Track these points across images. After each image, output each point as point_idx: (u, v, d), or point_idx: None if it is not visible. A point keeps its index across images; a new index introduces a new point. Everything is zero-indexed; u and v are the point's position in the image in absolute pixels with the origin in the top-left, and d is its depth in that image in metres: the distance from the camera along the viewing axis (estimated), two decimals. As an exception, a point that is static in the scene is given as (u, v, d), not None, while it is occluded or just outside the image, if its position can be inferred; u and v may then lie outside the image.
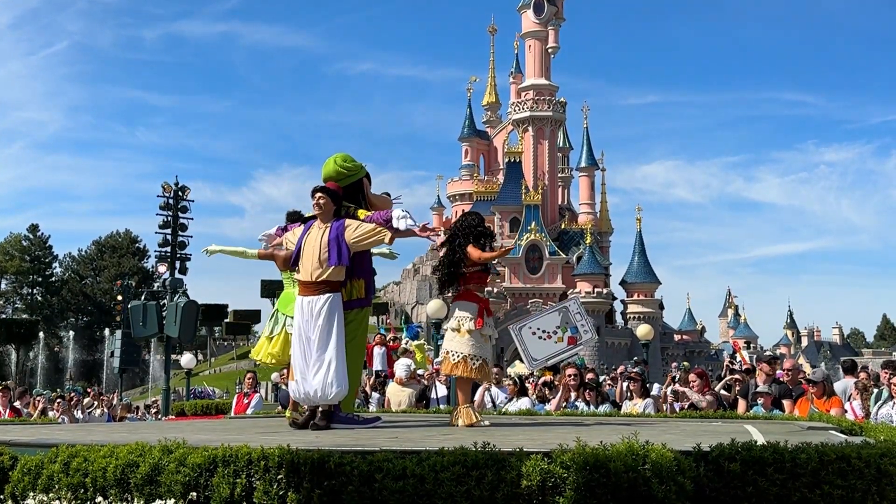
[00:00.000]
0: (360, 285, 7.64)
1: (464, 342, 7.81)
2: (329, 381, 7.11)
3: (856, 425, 6.90)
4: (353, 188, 7.77)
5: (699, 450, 4.31)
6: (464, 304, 7.93)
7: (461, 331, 7.82)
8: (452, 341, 7.88)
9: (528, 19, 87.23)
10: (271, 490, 4.19)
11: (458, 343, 7.84)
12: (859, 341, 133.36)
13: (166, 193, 28.42)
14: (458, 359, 7.81)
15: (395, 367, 14.28)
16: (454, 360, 7.83)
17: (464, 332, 7.81)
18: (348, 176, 7.74)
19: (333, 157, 7.77)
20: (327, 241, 7.25)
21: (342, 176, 7.70)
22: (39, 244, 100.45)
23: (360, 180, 7.83)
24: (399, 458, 4.21)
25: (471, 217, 8.20)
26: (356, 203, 7.77)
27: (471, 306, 7.90)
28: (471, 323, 7.81)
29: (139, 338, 28.72)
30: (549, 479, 4.04)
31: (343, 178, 7.72)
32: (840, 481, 4.22)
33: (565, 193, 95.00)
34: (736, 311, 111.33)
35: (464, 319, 7.84)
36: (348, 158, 7.81)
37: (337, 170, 7.69)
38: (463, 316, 7.86)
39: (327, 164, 7.75)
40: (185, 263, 28.74)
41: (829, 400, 10.69)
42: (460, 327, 7.83)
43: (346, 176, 7.73)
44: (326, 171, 7.73)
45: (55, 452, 4.81)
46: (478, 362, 7.82)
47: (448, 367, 7.96)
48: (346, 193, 7.72)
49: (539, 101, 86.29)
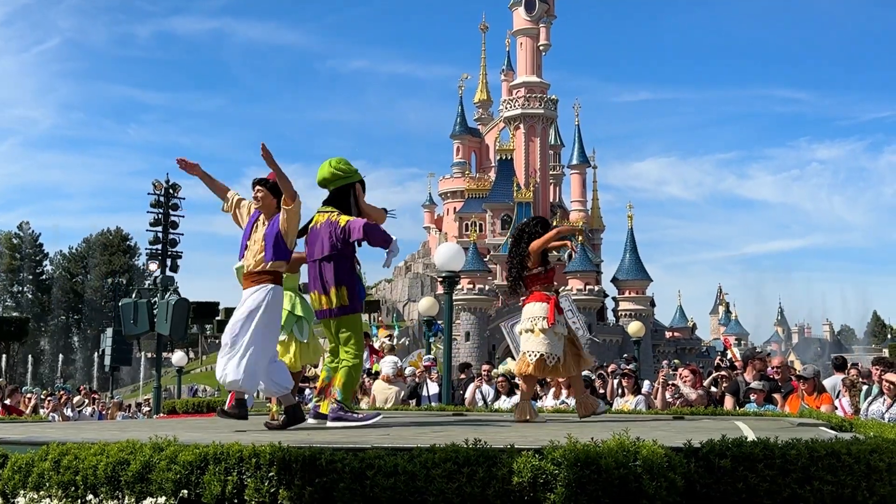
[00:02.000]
0: (342, 293, 7.45)
1: (539, 341, 8.02)
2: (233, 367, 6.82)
3: (846, 421, 6.93)
4: (342, 192, 7.69)
5: (690, 446, 4.32)
6: (534, 305, 8.16)
7: (535, 331, 8.03)
8: (528, 342, 8.10)
9: (520, 17, 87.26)
10: (262, 487, 4.19)
11: (534, 343, 8.05)
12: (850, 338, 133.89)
13: (157, 191, 28.32)
14: (535, 358, 8.02)
15: (381, 364, 14.27)
16: (531, 359, 8.04)
17: (538, 331, 8.02)
18: (342, 178, 7.65)
19: (329, 161, 7.72)
20: (263, 236, 7.12)
21: (336, 178, 7.64)
22: (30, 242, 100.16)
23: (352, 184, 7.73)
24: (390, 455, 4.21)
25: (535, 219, 8.62)
26: (344, 208, 7.62)
27: (541, 306, 8.11)
28: (543, 322, 8.02)
29: (130, 336, 28.63)
30: (540, 475, 4.04)
31: (337, 179, 7.65)
32: (830, 477, 4.24)
33: (557, 191, 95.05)
34: (727, 308, 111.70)
35: (536, 320, 8.06)
36: (343, 161, 7.75)
37: (332, 171, 7.63)
38: (535, 316, 8.08)
39: (322, 166, 7.71)
40: (175, 261, 28.66)
41: (819, 396, 10.73)
42: (534, 328, 8.04)
43: (340, 178, 7.64)
44: (321, 174, 7.69)
45: (46, 450, 4.79)
46: (554, 360, 8.05)
47: (525, 366, 8.13)
48: (334, 196, 7.68)
49: (530, 99, 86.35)
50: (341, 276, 7.42)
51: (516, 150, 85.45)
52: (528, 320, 8.13)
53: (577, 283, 79.48)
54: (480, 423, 7.61)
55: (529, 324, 8.11)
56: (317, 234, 7.53)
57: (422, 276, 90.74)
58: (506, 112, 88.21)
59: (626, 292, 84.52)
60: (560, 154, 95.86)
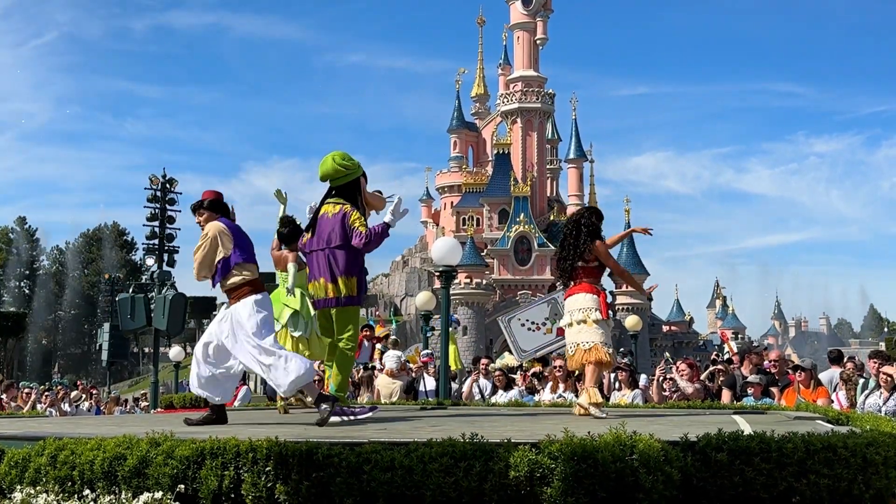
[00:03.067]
0: (352, 283, 7.62)
1: (592, 331, 7.86)
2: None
3: (842, 415, 6.94)
4: (349, 187, 7.80)
5: (686, 440, 4.33)
6: (586, 297, 7.98)
7: (588, 321, 7.87)
8: (581, 333, 7.90)
9: (517, 11, 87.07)
10: (259, 482, 4.19)
11: (587, 333, 7.87)
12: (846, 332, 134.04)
13: (154, 186, 28.28)
14: (589, 346, 7.84)
15: (384, 358, 14.26)
16: (586, 346, 7.85)
17: (591, 322, 7.87)
18: (346, 174, 7.77)
19: (332, 155, 7.81)
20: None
21: (340, 174, 7.75)
22: (27, 237, 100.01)
23: (356, 179, 7.85)
24: (387, 449, 4.21)
25: (590, 210, 8.39)
26: (352, 201, 7.75)
27: (593, 298, 7.98)
28: (597, 313, 7.90)
29: (127, 331, 28.64)
30: (537, 469, 4.05)
31: (341, 175, 7.75)
32: (826, 470, 4.24)
33: (554, 185, 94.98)
34: (724, 302, 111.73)
35: (590, 311, 7.90)
36: (346, 157, 7.85)
37: (335, 167, 7.73)
38: (588, 307, 7.92)
39: (325, 161, 7.79)
40: (172, 256, 28.63)
41: (815, 390, 10.74)
42: (587, 318, 7.87)
43: (344, 174, 7.76)
44: (324, 169, 7.78)
45: (42, 445, 4.79)
46: (609, 348, 7.92)
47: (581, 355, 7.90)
48: (342, 192, 7.77)
49: (527, 93, 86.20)
50: (352, 267, 7.58)
51: (513, 145, 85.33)
52: (580, 311, 7.92)
53: (574, 278, 79.28)
54: (477, 418, 7.61)
55: (581, 314, 7.91)
56: (328, 223, 7.64)
57: (419, 270, 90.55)
58: (503, 106, 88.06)
59: (624, 286, 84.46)
60: (557, 148, 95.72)
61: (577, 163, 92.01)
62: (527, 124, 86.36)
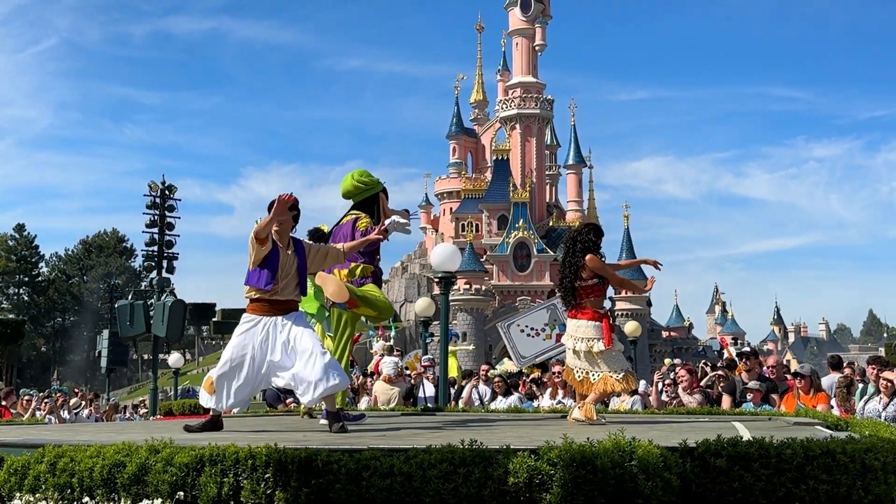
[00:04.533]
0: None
1: (601, 361, 7.73)
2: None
3: (841, 420, 6.94)
4: (369, 202, 8.18)
5: (685, 446, 4.33)
6: (588, 325, 7.79)
7: (593, 353, 7.72)
8: (588, 362, 7.77)
9: (515, 17, 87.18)
10: (259, 489, 4.19)
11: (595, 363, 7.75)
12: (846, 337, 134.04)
13: (153, 192, 28.29)
14: (598, 377, 7.72)
15: (381, 364, 14.27)
16: (595, 378, 7.74)
17: (595, 354, 7.72)
18: (365, 191, 8.17)
19: (351, 174, 8.26)
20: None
21: (359, 191, 8.17)
22: (26, 244, 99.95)
23: (376, 194, 8.22)
24: (386, 456, 4.21)
25: (588, 227, 8.25)
26: (370, 214, 8.10)
27: (596, 326, 7.79)
28: (600, 344, 7.71)
29: (126, 337, 28.61)
30: (536, 475, 4.05)
31: (360, 192, 8.17)
32: (825, 476, 4.24)
33: (553, 191, 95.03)
34: (723, 307, 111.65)
35: (592, 341, 7.72)
36: (365, 174, 8.25)
37: (354, 184, 8.15)
38: (589, 337, 7.74)
39: (345, 180, 8.22)
40: (172, 263, 28.62)
41: (815, 395, 10.74)
42: (591, 349, 7.72)
43: (364, 191, 8.16)
44: (344, 187, 8.22)
45: (42, 453, 4.79)
46: (620, 374, 7.76)
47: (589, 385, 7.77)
48: (361, 207, 8.16)
49: (526, 99, 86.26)
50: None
51: (512, 151, 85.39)
52: (583, 340, 7.75)
53: (573, 283, 79.30)
54: (476, 424, 7.61)
55: (585, 345, 7.74)
56: (339, 231, 8.10)
57: (418, 276, 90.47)
58: (502, 112, 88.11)
59: (623, 292, 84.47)
60: (556, 154, 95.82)
61: (576, 168, 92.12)
62: (526, 130, 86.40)
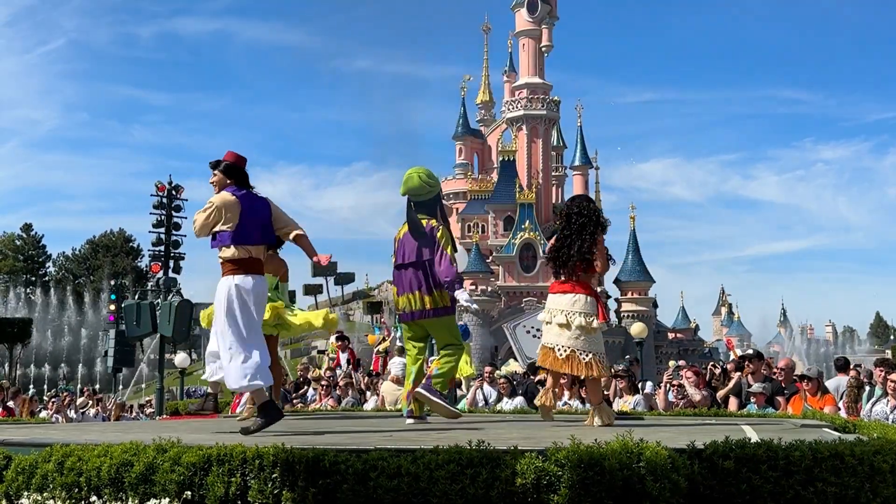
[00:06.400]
0: (445, 295, 7.84)
1: (593, 339, 7.32)
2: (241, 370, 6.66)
3: (849, 423, 6.93)
4: (433, 202, 8.08)
5: (693, 447, 4.32)
6: (585, 299, 7.35)
7: (588, 328, 7.27)
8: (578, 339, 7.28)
9: (522, 18, 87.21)
10: (266, 489, 4.19)
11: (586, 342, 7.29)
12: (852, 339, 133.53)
13: (160, 193, 28.37)
14: (588, 358, 7.27)
15: (389, 365, 14.28)
16: (585, 359, 7.27)
17: (588, 331, 7.29)
18: (430, 190, 8.05)
19: (416, 172, 8.03)
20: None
21: (425, 190, 8.01)
22: (33, 243, 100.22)
23: (437, 194, 8.16)
24: (394, 456, 4.21)
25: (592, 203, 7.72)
26: (433, 215, 8.00)
27: (591, 301, 7.37)
28: (595, 321, 7.33)
29: (133, 337, 28.64)
30: (543, 477, 4.04)
31: (426, 192, 8.02)
32: (833, 478, 4.23)
33: (559, 192, 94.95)
34: (730, 309, 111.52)
35: (588, 316, 7.29)
36: (431, 174, 8.14)
37: (421, 184, 7.98)
38: (587, 312, 7.30)
39: (411, 178, 7.99)
40: (178, 263, 28.71)
41: (822, 398, 10.72)
42: (589, 325, 7.27)
43: (429, 190, 8.04)
44: (410, 185, 7.98)
45: (49, 452, 4.80)
46: (605, 360, 7.43)
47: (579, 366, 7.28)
48: (423, 207, 8.00)
49: (533, 100, 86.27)
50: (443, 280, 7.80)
51: (519, 152, 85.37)
52: (581, 314, 7.26)
53: (579, 285, 79.30)
54: (483, 425, 7.61)
55: (584, 319, 7.25)
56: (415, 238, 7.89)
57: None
58: (508, 113, 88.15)
59: (629, 293, 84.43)
60: (563, 155, 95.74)
61: (583, 170, 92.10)
62: (532, 131, 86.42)
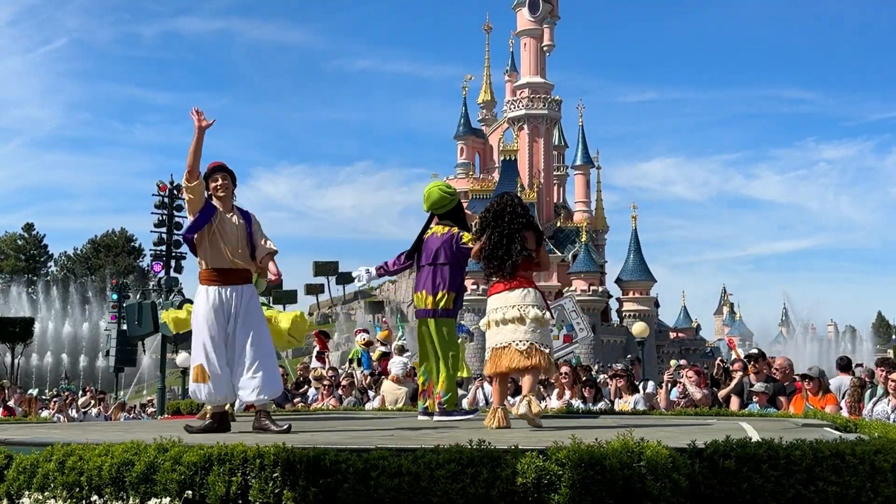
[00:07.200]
0: (450, 298, 8.41)
1: (545, 333, 7.24)
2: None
3: (850, 422, 6.92)
4: (455, 211, 8.64)
5: (694, 447, 4.32)
6: (534, 293, 7.28)
7: (543, 321, 7.18)
8: (535, 332, 7.12)
9: (523, 17, 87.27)
10: (267, 488, 4.19)
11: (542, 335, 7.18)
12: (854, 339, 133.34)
13: (161, 192, 28.38)
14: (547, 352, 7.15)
15: (390, 364, 14.26)
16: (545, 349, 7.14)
17: (545, 321, 7.21)
18: (451, 200, 8.61)
19: (436, 185, 8.65)
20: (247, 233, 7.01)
21: (446, 201, 8.57)
22: (34, 243, 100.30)
23: (458, 203, 8.72)
24: (394, 455, 4.21)
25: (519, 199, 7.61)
26: (458, 222, 8.57)
27: (540, 294, 7.37)
28: (548, 314, 7.29)
29: (134, 337, 28.65)
30: (544, 476, 4.04)
31: (447, 202, 8.57)
32: (835, 478, 4.23)
33: (561, 191, 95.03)
34: (731, 308, 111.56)
35: (541, 309, 7.21)
36: (447, 185, 8.79)
37: (442, 195, 8.54)
38: (538, 305, 7.23)
39: (431, 193, 8.57)
40: (180, 262, 28.71)
41: (824, 397, 10.71)
42: (543, 317, 7.18)
43: (450, 200, 8.60)
44: (432, 199, 8.53)
45: (50, 451, 4.80)
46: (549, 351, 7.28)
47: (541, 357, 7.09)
48: (448, 216, 8.59)
49: (534, 100, 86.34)
50: (452, 284, 8.43)
51: (520, 151, 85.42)
52: (535, 308, 7.15)
53: (581, 284, 79.43)
54: (483, 424, 7.60)
55: (539, 313, 7.13)
56: (435, 242, 8.48)
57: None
58: (509, 113, 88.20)
59: (630, 293, 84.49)
60: (564, 155, 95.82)
61: (584, 169, 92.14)
62: (533, 131, 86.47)
